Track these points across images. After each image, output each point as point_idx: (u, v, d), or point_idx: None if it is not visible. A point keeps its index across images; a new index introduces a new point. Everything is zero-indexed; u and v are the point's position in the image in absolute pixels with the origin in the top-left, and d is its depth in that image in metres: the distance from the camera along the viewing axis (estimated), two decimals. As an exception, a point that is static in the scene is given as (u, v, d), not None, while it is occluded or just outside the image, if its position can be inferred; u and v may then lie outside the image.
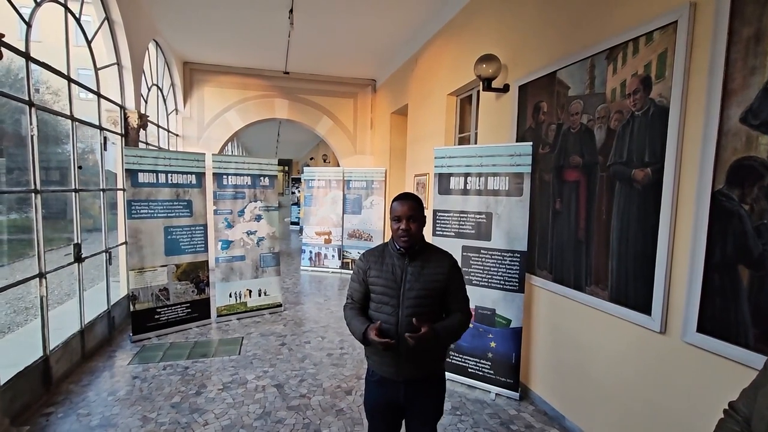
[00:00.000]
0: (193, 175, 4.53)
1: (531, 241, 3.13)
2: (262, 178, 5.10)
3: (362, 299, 1.75)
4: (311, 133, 9.15)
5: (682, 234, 1.98)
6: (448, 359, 3.44)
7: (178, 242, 4.41)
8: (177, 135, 7.36)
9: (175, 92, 7.20)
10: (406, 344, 1.54)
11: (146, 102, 5.68)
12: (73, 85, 3.68)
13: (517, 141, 3.34)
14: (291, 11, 4.98)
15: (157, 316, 4.25)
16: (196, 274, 4.57)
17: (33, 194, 3.03)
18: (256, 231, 5.04)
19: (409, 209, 1.62)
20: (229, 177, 4.86)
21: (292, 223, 15.11)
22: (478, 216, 3.33)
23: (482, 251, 3.30)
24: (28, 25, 3.01)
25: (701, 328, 1.87)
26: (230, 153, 11.85)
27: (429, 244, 1.75)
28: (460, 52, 4.47)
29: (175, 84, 7.13)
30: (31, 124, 2.99)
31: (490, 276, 3.26)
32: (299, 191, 12.06)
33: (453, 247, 3.38)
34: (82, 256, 3.65)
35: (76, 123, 3.68)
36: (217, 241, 4.78)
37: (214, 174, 4.77)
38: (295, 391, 3.22)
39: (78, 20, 3.78)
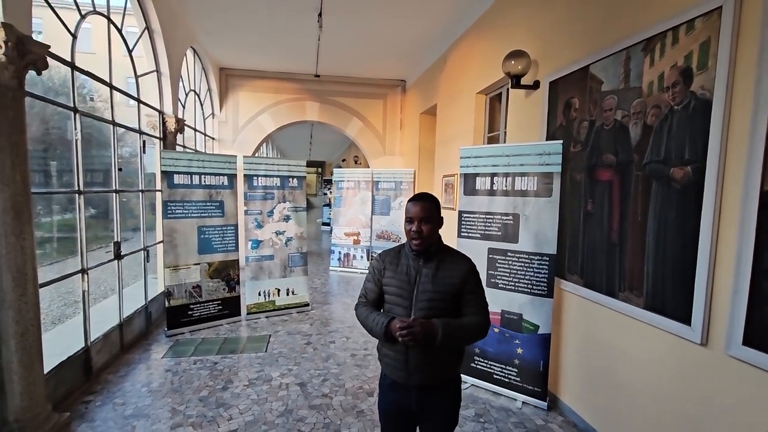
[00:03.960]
0: (225, 177, 4.69)
1: (560, 244, 2.98)
2: (290, 179, 5.20)
3: (376, 300, 1.71)
4: (343, 135, 9.23)
5: (726, 237, 1.82)
6: (472, 364, 3.35)
7: (210, 241, 4.57)
8: (213, 138, 7.65)
9: (212, 97, 7.49)
10: (414, 348, 1.50)
11: (184, 107, 5.94)
12: (120, 94, 3.90)
13: (547, 139, 3.21)
14: (320, 15, 5.04)
15: (190, 312, 4.42)
16: (227, 273, 4.72)
17: (76, 195, 3.23)
18: (284, 231, 5.14)
19: (421, 210, 1.57)
20: (259, 178, 4.99)
21: (324, 224, 15.34)
22: (504, 217, 3.22)
23: (509, 254, 3.19)
24: (74, 36, 3.21)
25: (747, 341, 1.71)
26: (264, 155, 12.18)
27: (447, 246, 1.69)
28: (489, 49, 4.36)
29: (212, 89, 7.41)
30: (75, 129, 3.19)
31: (517, 279, 3.14)
32: (330, 192, 12.21)
33: (479, 249, 3.29)
34: (122, 253, 3.85)
35: (118, 128, 3.90)
36: (247, 241, 4.91)
37: (244, 175, 4.91)
38: (318, 391, 3.24)
39: (120, 30, 4.00)
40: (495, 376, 3.25)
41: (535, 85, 3.40)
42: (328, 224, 14.07)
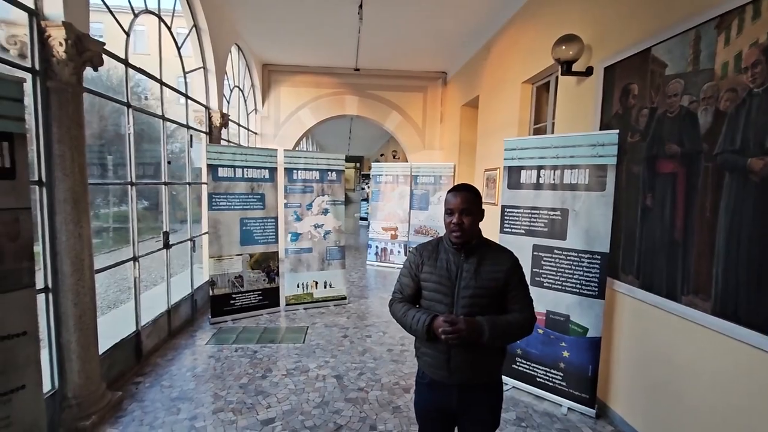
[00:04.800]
0: (266, 170, 4.78)
1: (614, 242, 2.77)
2: (329, 172, 5.22)
3: (413, 296, 1.63)
4: (382, 130, 9.19)
5: (818, 237, 1.59)
6: (513, 365, 3.20)
7: (252, 233, 4.68)
8: (256, 133, 7.86)
9: (255, 93, 7.68)
10: (457, 347, 1.44)
11: (228, 102, 6.12)
12: (170, 91, 4.07)
13: (600, 129, 2.98)
14: (360, 6, 5.01)
15: (232, 302, 4.56)
16: (267, 264, 4.82)
17: (129, 186, 3.39)
18: (323, 224, 5.18)
19: (462, 201, 1.49)
20: (299, 171, 5.04)
21: (362, 219, 15.42)
22: (552, 212, 3.04)
23: (556, 251, 3.01)
24: (127, 34, 3.36)
25: None
26: (304, 149, 12.36)
27: (488, 240, 1.60)
28: (537, 35, 4.14)
29: (255, 85, 7.60)
30: (128, 123, 3.35)
31: (564, 279, 2.96)
32: (368, 187, 12.24)
33: (522, 245, 3.13)
34: (170, 243, 4.02)
35: (168, 123, 4.07)
36: (286, 233, 4.99)
37: (285, 169, 4.99)
38: (354, 384, 3.23)
39: (169, 28, 4.15)
40: (538, 379, 3.09)
41: (588, 72, 3.17)
42: (365, 219, 14.14)
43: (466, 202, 1.50)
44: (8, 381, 1.72)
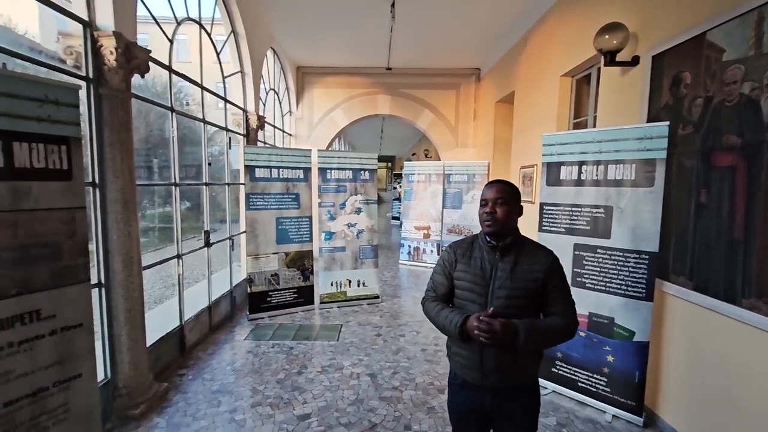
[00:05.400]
0: (301, 170, 4.86)
1: (663, 241, 2.60)
2: (362, 172, 5.24)
3: (446, 295, 1.59)
4: (413, 129, 9.16)
5: None
6: (553, 369, 3.09)
7: (287, 232, 4.78)
8: (290, 134, 8.03)
9: (290, 95, 7.85)
10: (490, 348, 1.40)
11: (264, 105, 6.29)
12: (210, 96, 4.23)
13: (648, 121, 2.81)
14: (393, 5, 5.00)
15: (269, 299, 4.68)
16: (302, 262, 4.91)
17: (173, 187, 3.55)
18: (356, 223, 5.21)
19: (497, 192, 1.46)
20: (332, 171, 5.10)
21: (394, 218, 15.43)
22: (594, 210, 2.90)
23: (599, 250, 2.87)
24: (171, 41, 3.51)
25: None
26: (337, 149, 12.51)
27: (526, 238, 1.54)
28: (577, 25, 3.97)
29: (290, 88, 7.77)
30: (172, 126, 3.50)
31: (608, 279, 2.82)
32: (400, 186, 12.22)
33: (562, 244, 3.01)
34: (211, 241, 4.17)
35: (208, 126, 4.23)
36: (320, 232, 5.06)
37: (318, 169, 5.06)
38: (388, 383, 3.22)
39: (209, 34, 4.31)
40: (580, 384, 2.96)
41: (634, 62, 3.00)
42: (397, 218, 14.13)
43: (501, 192, 1.46)
44: (66, 369, 1.83)
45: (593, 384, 2.89)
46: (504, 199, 1.45)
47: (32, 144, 1.68)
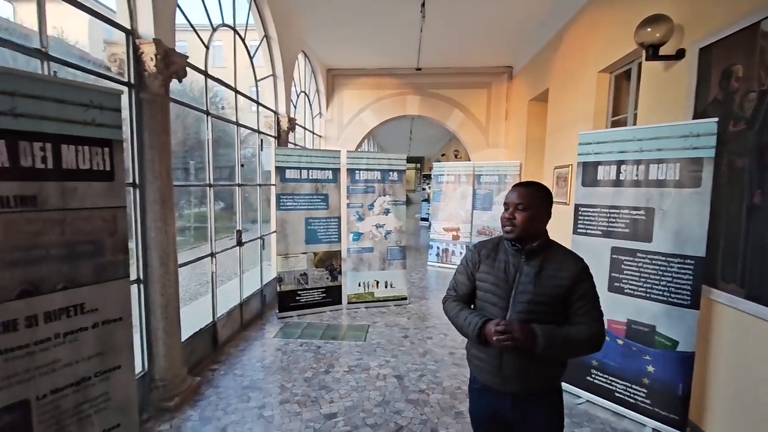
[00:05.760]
0: (330, 171, 4.91)
1: (711, 245, 2.44)
2: (391, 172, 5.24)
3: (467, 295, 1.57)
4: (443, 130, 9.07)
5: None
6: (587, 377, 2.95)
7: (316, 232, 4.84)
8: (320, 136, 8.14)
9: (320, 98, 7.97)
10: (510, 352, 1.37)
11: (295, 107, 6.41)
12: (244, 99, 4.35)
13: (694, 118, 2.65)
14: (423, 5, 4.97)
15: (297, 298, 4.75)
16: (330, 263, 4.95)
17: (207, 188, 3.67)
18: (384, 224, 5.21)
19: (519, 196, 1.41)
20: (361, 172, 5.12)
21: (422, 219, 15.34)
22: (634, 212, 2.75)
23: (639, 254, 2.72)
24: (206, 47, 3.64)
25: None
26: (366, 150, 12.58)
27: (554, 243, 1.47)
28: (616, 19, 3.80)
29: (320, 90, 7.88)
30: (207, 129, 3.62)
31: (649, 285, 2.67)
32: (429, 187, 12.13)
33: (599, 247, 2.88)
34: (242, 241, 4.29)
35: (242, 128, 4.35)
36: (348, 233, 5.09)
37: (347, 169, 5.09)
38: (415, 385, 3.19)
39: (243, 39, 4.43)
40: (617, 394, 2.82)
41: (679, 55, 2.83)
42: (426, 219, 14.04)
43: (523, 197, 1.40)
44: (107, 361, 1.93)
45: (632, 395, 2.74)
46: (525, 205, 1.39)
47: (78, 146, 1.78)
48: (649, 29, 2.83)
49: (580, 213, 3.07)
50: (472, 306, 1.57)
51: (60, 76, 2.08)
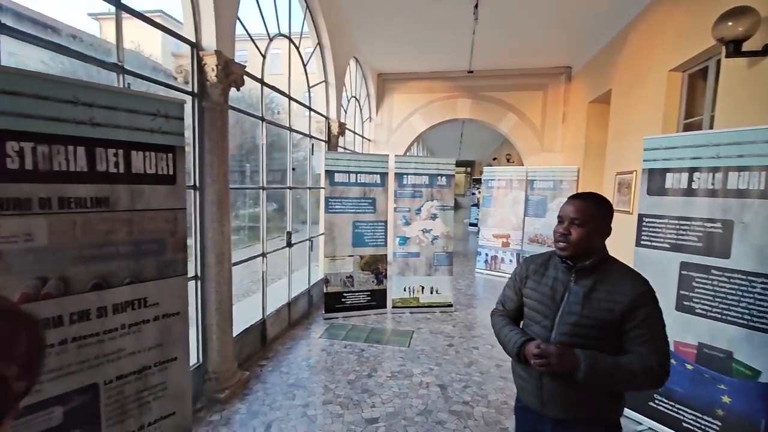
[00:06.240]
0: (378, 175, 4.95)
1: (805, 265, 2.14)
2: (439, 177, 5.17)
3: (514, 311, 1.51)
4: (495, 133, 8.83)
5: None
6: (650, 403, 2.71)
7: (362, 236, 4.89)
8: (369, 140, 8.24)
9: (370, 102, 8.07)
10: (550, 375, 1.28)
11: (346, 112, 6.54)
12: (297, 105, 4.52)
13: (784, 120, 2.35)
14: (476, 6, 4.87)
15: (343, 300, 4.83)
16: (376, 266, 4.98)
17: (260, 190, 3.84)
18: (431, 229, 5.15)
19: (575, 210, 1.30)
20: (409, 176, 5.10)
21: (471, 225, 15.01)
22: (709, 224, 2.49)
23: (714, 272, 2.45)
24: (263, 56, 3.81)
25: None
26: (415, 154, 12.56)
27: (614, 261, 1.35)
28: (691, 13, 3.48)
29: (370, 94, 7.98)
30: (262, 134, 3.79)
31: (725, 306, 2.39)
32: (479, 192, 11.85)
33: (666, 262, 2.64)
34: (292, 242, 4.43)
35: (294, 133, 4.51)
36: (395, 237, 5.09)
37: (395, 174, 5.10)
38: (459, 396, 3.11)
39: (297, 47, 4.60)
40: (685, 425, 2.55)
41: (765, 51, 2.52)
42: (475, 225, 13.73)
43: (580, 211, 1.29)
44: (165, 352, 2.06)
45: (702, 426, 2.47)
46: (582, 220, 1.28)
47: (146, 152, 1.93)
48: (730, 23, 2.56)
49: (644, 224, 2.83)
50: (521, 323, 1.51)
51: (133, 87, 2.27)
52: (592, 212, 1.29)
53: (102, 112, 1.75)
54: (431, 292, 5.17)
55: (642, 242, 2.83)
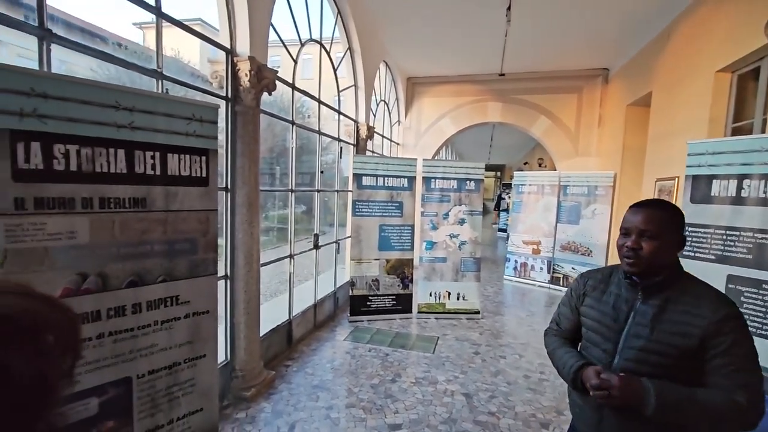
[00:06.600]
0: (405, 179, 4.93)
1: None
2: (468, 182, 5.09)
3: (571, 330, 1.36)
4: (526, 137, 8.63)
5: None
6: None
7: (389, 239, 4.88)
8: (398, 144, 8.24)
9: (399, 106, 8.08)
10: (612, 407, 1.13)
11: (375, 116, 6.56)
12: (327, 109, 4.58)
13: None
14: (509, 8, 4.78)
15: (368, 303, 4.83)
16: (402, 270, 4.95)
17: (289, 192, 3.90)
18: (458, 234, 5.07)
19: (644, 220, 1.13)
20: (437, 181, 5.06)
21: (500, 230, 14.71)
22: (760, 235, 2.32)
23: (765, 286, 2.28)
24: (295, 61, 3.88)
25: None
26: (443, 158, 12.46)
27: (689, 277, 1.18)
28: (741, 12, 3.27)
29: (399, 98, 7.99)
30: (292, 138, 3.86)
31: (778, 325, 2.22)
32: (508, 197, 11.60)
33: (711, 274, 2.47)
34: (319, 244, 4.48)
35: (323, 137, 4.57)
36: (421, 241, 5.05)
37: (423, 178, 5.06)
38: (484, 406, 3.03)
39: (328, 53, 4.67)
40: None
41: (828, 47, 2.34)
42: (504, 230, 13.45)
43: (650, 222, 1.12)
44: (195, 349, 2.12)
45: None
46: (654, 232, 1.11)
47: (181, 155, 2.00)
48: (787, 19, 2.38)
49: (687, 233, 2.67)
50: (579, 345, 1.36)
51: (171, 92, 2.36)
52: (664, 222, 1.13)
53: (141, 116, 1.82)
54: (458, 298, 5.08)
55: (684, 252, 2.67)
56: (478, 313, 5.08)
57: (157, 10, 2.34)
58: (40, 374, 0.40)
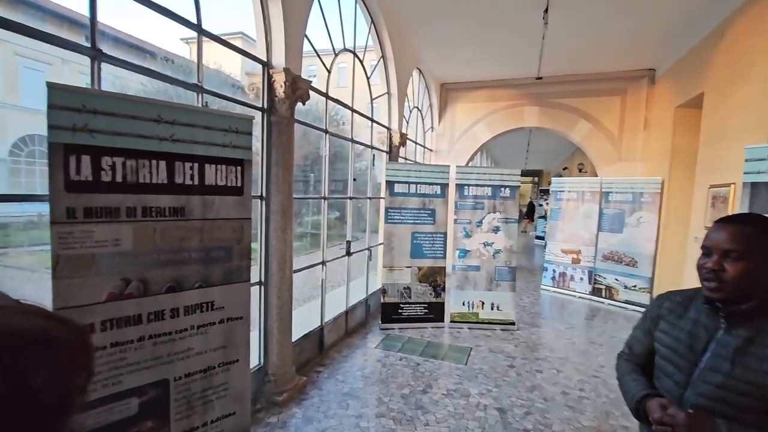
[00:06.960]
0: (438, 186, 4.88)
1: None
2: (502, 189, 4.97)
3: (644, 356, 1.22)
4: (566, 141, 8.33)
5: None
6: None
7: (421, 247, 4.84)
8: (431, 150, 8.18)
9: (432, 112, 8.04)
10: None
11: (408, 123, 6.56)
12: (360, 117, 4.63)
13: None
14: (546, 10, 4.65)
15: (400, 311, 4.79)
16: (434, 278, 4.89)
17: (322, 200, 3.96)
18: (493, 243, 4.95)
19: (728, 239, 0.98)
20: (470, 188, 4.96)
21: (537, 238, 14.24)
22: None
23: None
24: (328, 71, 3.95)
25: None
26: (478, 164, 12.25)
27: None
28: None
29: (433, 105, 7.95)
30: (325, 146, 3.92)
31: None
32: (546, 204, 11.22)
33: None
34: (351, 251, 4.51)
35: (356, 144, 4.62)
36: (454, 249, 4.96)
37: (456, 185, 4.99)
38: (519, 423, 2.91)
39: (361, 61, 4.72)
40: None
41: None
42: (541, 238, 13.01)
43: (736, 240, 0.97)
44: (229, 354, 2.18)
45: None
46: (741, 252, 0.96)
47: (218, 165, 2.07)
48: None
49: None
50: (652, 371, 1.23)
51: (211, 104, 2.46)
52: (754, 240, 0.97)
53: (181, 129, 1.91)
54: (492, 308, 4.94)
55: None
56: (513, 324, 4.92)
57: (198, 27, 2.45)
58: (61, 391, 0.41)
